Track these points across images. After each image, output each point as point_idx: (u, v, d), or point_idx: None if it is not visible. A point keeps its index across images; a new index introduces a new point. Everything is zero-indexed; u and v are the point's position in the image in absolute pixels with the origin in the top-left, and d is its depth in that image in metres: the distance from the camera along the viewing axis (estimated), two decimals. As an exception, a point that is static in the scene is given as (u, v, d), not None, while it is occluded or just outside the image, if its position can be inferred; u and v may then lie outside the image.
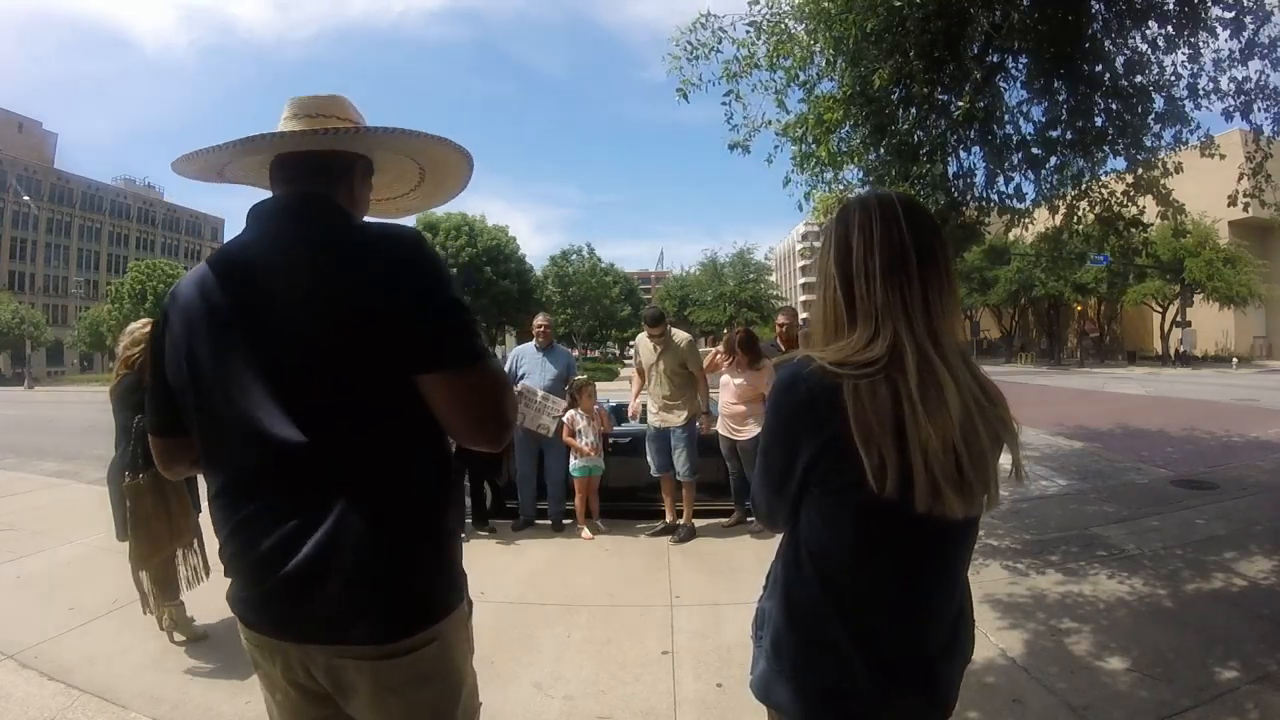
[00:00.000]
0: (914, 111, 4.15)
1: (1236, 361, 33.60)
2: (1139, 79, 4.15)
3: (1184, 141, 4.44)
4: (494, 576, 4.06)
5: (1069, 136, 4.28)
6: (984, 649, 2.90)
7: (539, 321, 5.50)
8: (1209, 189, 5.56)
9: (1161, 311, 37.74)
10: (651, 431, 5.03)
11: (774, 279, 61.77)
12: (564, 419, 5.03)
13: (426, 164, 1.30)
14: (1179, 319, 35.45)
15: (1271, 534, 4.55)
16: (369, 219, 1.25)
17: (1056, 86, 4.12)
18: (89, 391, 26.60)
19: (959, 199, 4.48)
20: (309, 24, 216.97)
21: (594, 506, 5.20)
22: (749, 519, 5.02)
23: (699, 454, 4.96)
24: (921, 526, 0.96)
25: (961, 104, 3.85)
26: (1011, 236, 5.85)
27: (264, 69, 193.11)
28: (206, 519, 1.25)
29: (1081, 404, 14.96)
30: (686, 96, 4.35)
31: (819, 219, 5.08)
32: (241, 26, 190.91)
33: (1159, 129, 4.32)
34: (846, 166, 4.56)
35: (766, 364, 4.87)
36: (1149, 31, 4.08)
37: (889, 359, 0.94)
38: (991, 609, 3.39)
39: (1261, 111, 4.24)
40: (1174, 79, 4.21)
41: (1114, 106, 4.17)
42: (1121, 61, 4.09)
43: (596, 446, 5.12)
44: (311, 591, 1.01)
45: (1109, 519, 5.08)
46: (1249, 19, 3.90)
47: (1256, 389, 17.74)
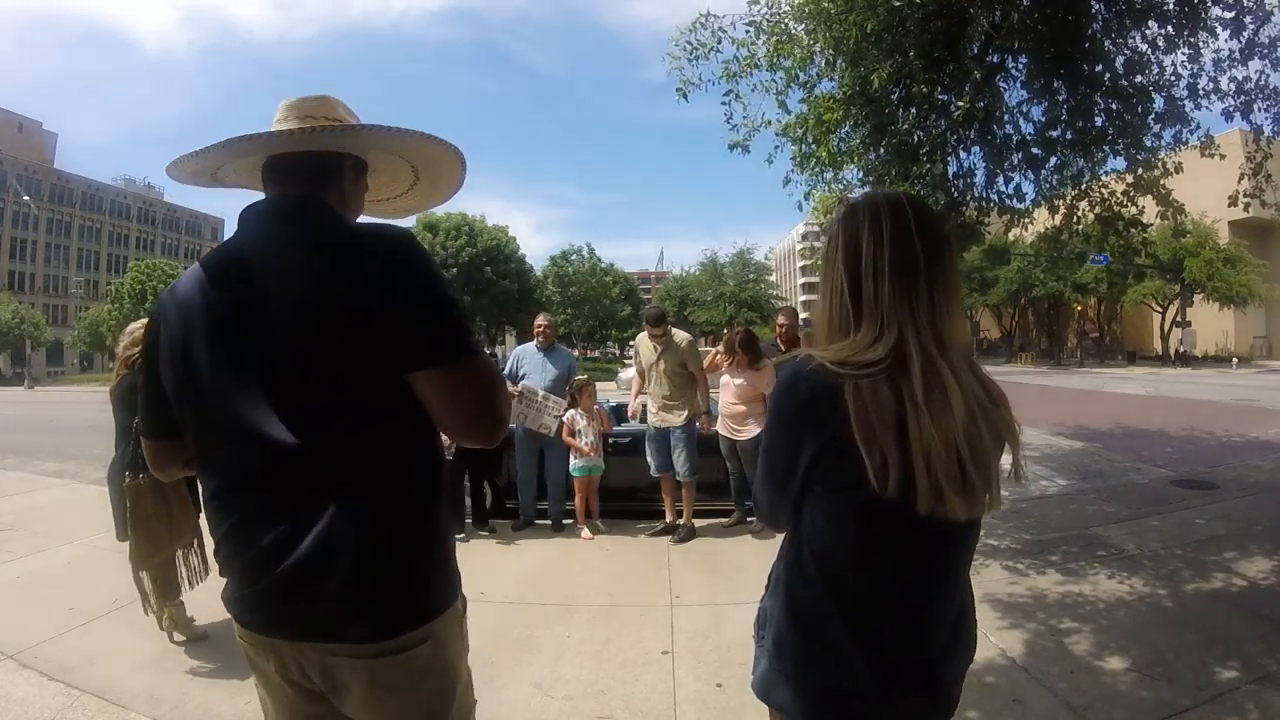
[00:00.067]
0: (914, 111, 4.16)
1: (1236, 361, 33.62)
2: (1139, 79, 4.15)
3: (1184, 141, 4.45)
4: (494, 576, 4.06)
5: (1069, 136, 4.29)
6: (984, 649, 2.89)
7: (540, 322, 5.49)
8: (1209, 189, 5.57)
9: (1161, 311, 37.77)
10: (651, 431, 5.03)
11: (774, 279, 61.67)
12: (564, 419, 5.04)
13: (419, 163, 1.29)
14: (1179, 319, 35.46)
15: (1271, 534, 4.55)
16: (364, 219, 1.25)
17: (1056, 86, 4.13)
18: (89, 391, 26.58)
19: (959, 199, 4.49)
20: (309, 24, 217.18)
21: (594, 506, 5.20)
22: (749, 519, 5.02)
23: (699, 454, 4.96)
24: (923, 527, 0.95)
25: (961, 104, 3.86)
26: (1011, 236, 5.85)
27: (264, 69, 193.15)
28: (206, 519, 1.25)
29: (1081, 404, 14.95)
30: (686, 96, 4.36)
31: (819, 219, 5.08)
32: (241, 27, 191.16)
33: (1159, 129, 4.33)
34: (846, 166, 4.58)
35: (767, 364, 4.87)
36: (1149, 31, 4.08)
37: (892, 360, 0.94)
38: (991, 609, 3.39)
39: (1261, 111, 4.25)
40: (1174, 79, 4.22)
41: (1114, 106, 4.18)
42: (1121, 61, 4.10)
43: (596, 446, 5.12)
44: (306, 590, 1.01)
45: (1109, 519, 5.08)
46: (1249, 19, 3.91)
47: (1256, 389, 17.75)
